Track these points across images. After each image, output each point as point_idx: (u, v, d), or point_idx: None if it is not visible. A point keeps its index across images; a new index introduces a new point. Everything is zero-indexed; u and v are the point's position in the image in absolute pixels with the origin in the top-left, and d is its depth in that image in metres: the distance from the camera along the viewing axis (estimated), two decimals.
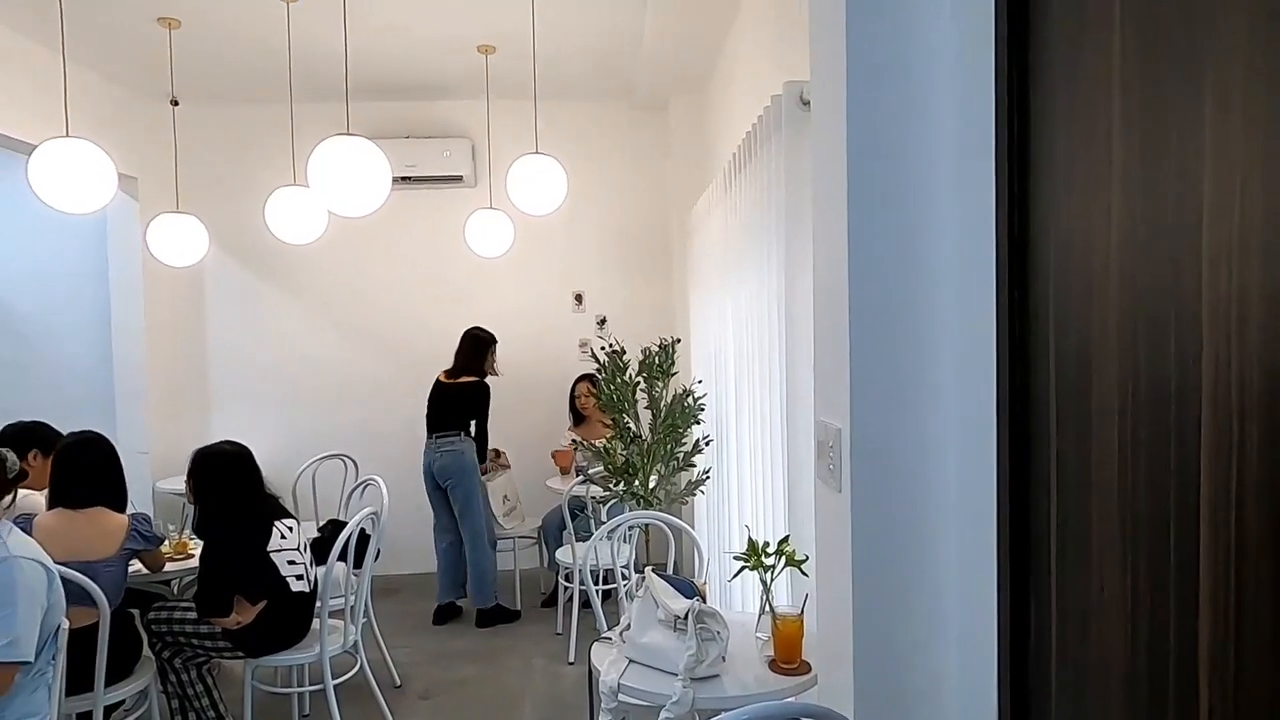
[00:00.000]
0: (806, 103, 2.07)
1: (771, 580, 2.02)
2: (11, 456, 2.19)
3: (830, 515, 1.42)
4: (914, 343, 1.29)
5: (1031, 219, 1.13)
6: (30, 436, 3.00)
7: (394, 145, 4.46)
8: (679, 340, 3.63)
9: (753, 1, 3.26)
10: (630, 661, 1.96)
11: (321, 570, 2.91)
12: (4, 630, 1.89)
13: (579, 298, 5.24)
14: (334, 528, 3.43)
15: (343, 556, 2.87)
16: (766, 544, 2.05)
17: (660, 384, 3.48)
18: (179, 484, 4.42)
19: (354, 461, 4.38)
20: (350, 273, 5.11)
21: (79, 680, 2.42)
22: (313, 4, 3.55)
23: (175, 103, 4.68)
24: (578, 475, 4.16)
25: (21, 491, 2.52)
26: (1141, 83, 0.88)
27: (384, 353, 5.17)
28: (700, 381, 3.61)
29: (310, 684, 3.21)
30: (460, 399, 4.28)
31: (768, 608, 2.00)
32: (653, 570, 2.08)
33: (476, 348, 4.34)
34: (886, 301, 1.28)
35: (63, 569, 2.18)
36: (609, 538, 2.77)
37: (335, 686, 2.87)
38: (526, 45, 4.00)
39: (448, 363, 4.36)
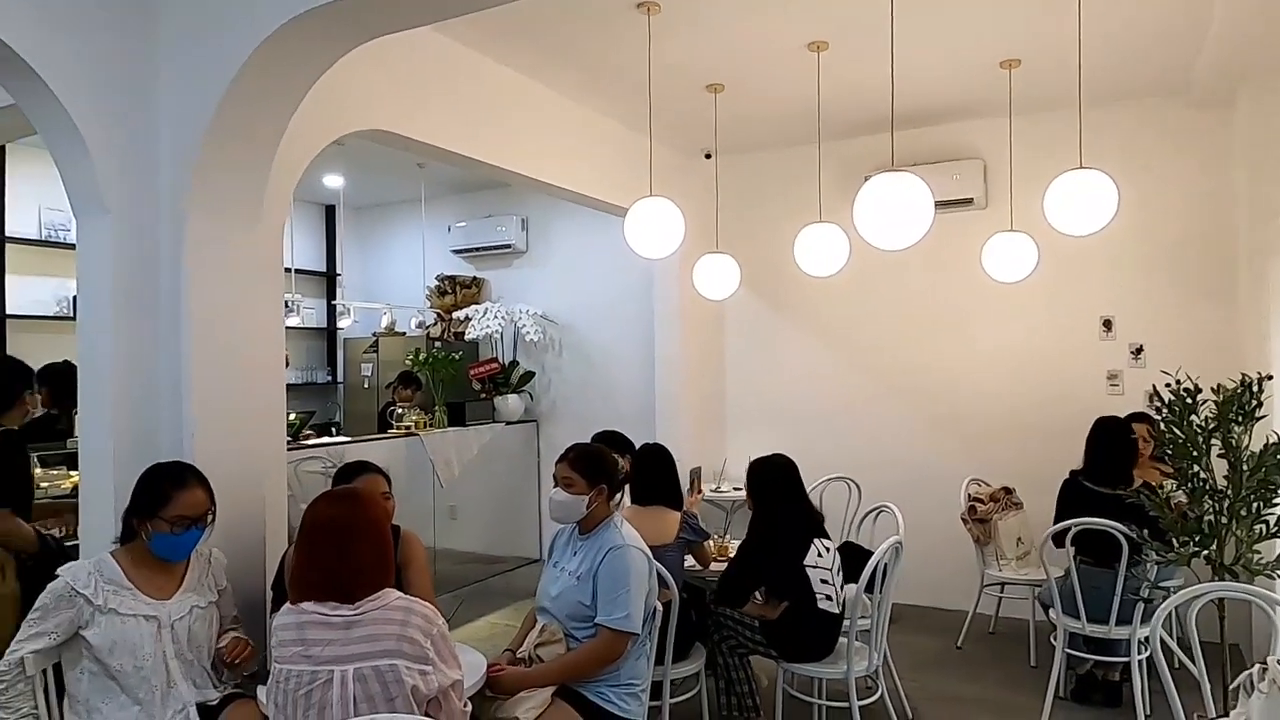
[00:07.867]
0: None
1: None
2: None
3: None
4: None
5: None
6: (612, 443, 3.67)
7: None
8: (1269, 376, 2.97)
9: None
10: None
11: (851, 589, 3.01)
12: (620, 606, 2.31)
13: (1107, 324, 4.65)
14: (848, 549, 3.53)
15: (869, 582, 2.94)
16: None
17: (1240, 429, 2.88)
18: None
19: (857, 485, 4.46)
20: (855, 301, 5.24)
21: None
22: (841, 51, 3.76)
23: (709, 156, 5.37)
24: None
25: None
26: None
27: (887, 380, 5.20)
28: None
29: (829, 699, 3.33)
30: None
31: None
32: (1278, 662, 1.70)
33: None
34: None
35: None
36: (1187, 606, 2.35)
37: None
38: (1055, 54, 3.72)
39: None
